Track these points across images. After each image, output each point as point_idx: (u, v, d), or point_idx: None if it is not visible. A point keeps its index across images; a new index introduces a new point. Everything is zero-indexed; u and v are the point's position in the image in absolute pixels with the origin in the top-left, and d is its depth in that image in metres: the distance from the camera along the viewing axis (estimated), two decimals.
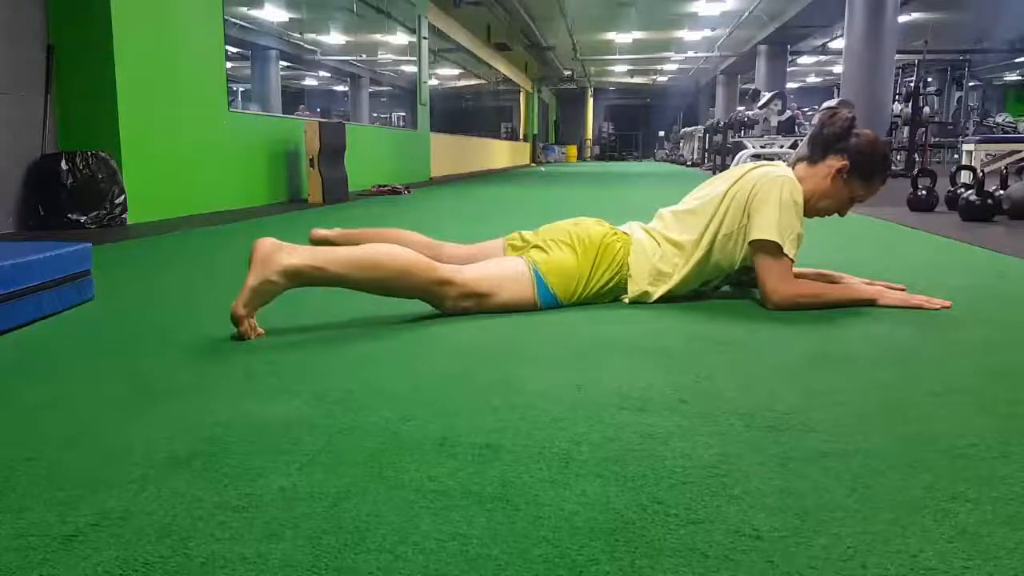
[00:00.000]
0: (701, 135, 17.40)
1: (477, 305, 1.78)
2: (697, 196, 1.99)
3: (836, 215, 1.97)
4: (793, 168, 1.97)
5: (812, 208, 1.91)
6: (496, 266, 1.86)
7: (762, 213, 1.82)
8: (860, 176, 1.91)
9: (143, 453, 0.98)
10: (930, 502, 0.84)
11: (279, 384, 1.28)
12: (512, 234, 2.03)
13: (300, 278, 1.59)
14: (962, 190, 4.47)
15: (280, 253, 1.58)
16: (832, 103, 7.07)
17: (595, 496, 0.86)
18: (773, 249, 1.81)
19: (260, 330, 1.61)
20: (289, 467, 0.94)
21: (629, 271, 1.91)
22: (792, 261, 1.83)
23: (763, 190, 1.84)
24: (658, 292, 1.91)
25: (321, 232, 2.01)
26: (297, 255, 1.59)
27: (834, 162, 1.91)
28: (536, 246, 1.90)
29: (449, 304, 1.76)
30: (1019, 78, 22.62)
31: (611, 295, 1.93)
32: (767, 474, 0.92)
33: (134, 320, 1.82)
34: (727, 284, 2.07)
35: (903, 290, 1.98)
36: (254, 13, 10.08)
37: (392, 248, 1.71)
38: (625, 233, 1.96)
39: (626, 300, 1.94)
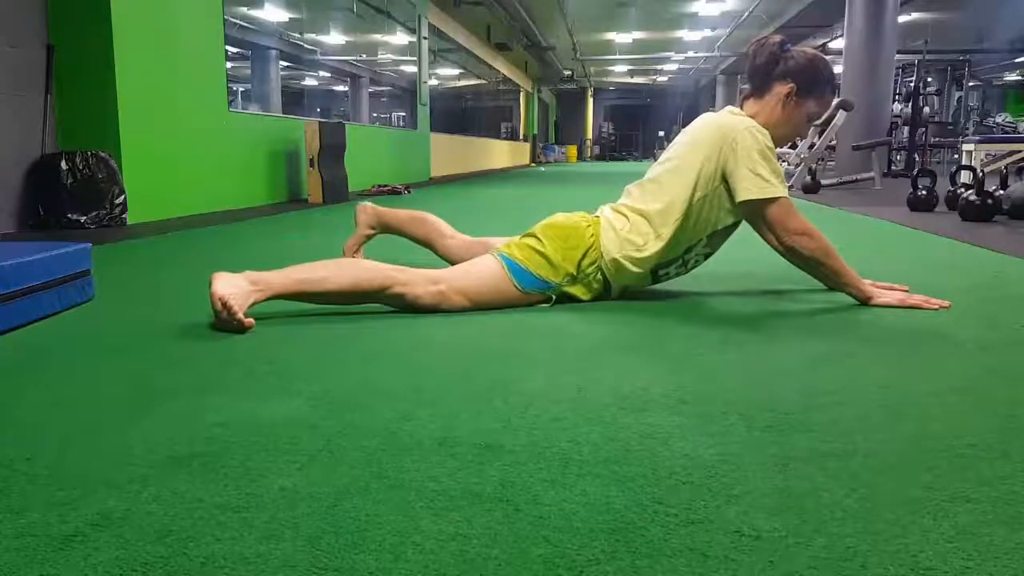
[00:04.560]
0: None
1: (451, 290, 1.79)
2: (661, 162, 1.99)
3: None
4: (742, 107, 1.98)
5: (774, 139, 1.91)
6: (465, 263, 1.93)
7: (741, 172, 1.82)
8: (809, 94, 1.94)
9: (143, 453, 0.98)
10: (930, 502, 0.84)
11: (279, 384, 1.28)
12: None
13: (259, 281, 1.68)
14: (962, 190, 4.47)
15: (235, 274, 1.69)
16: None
17: (595, 496, 0.86)
18: (768, 202, 1.83)
19: (248, 320, 1.62)
20: (289, 467, 0.94)
21: (601, 250, 1.90)
22: (788, 198, 1.85)
23: (733, 149, 1.83)
24: (633, 263, 1.88)
25: (371, 206, 2.37)
26: (254, 273, 1.71)
27: (780, 88, 1.93)
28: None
29: (420, 291, 1.76)
30: (1019, 78, 22.60)
31: (598, 279, 1.91)
32: (767, 474, 0.92)
33: (134, 320, 1.82)
34: (708, 250, 2.00)
35: (905, 291, 1.97)
36: (254, 13, 10.08)
37: (339, 263, 1.81)
38: (595, 217, 1.96)
39: (613, 294, 1.95)
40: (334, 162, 6.16)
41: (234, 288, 1.64)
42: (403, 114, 14.70)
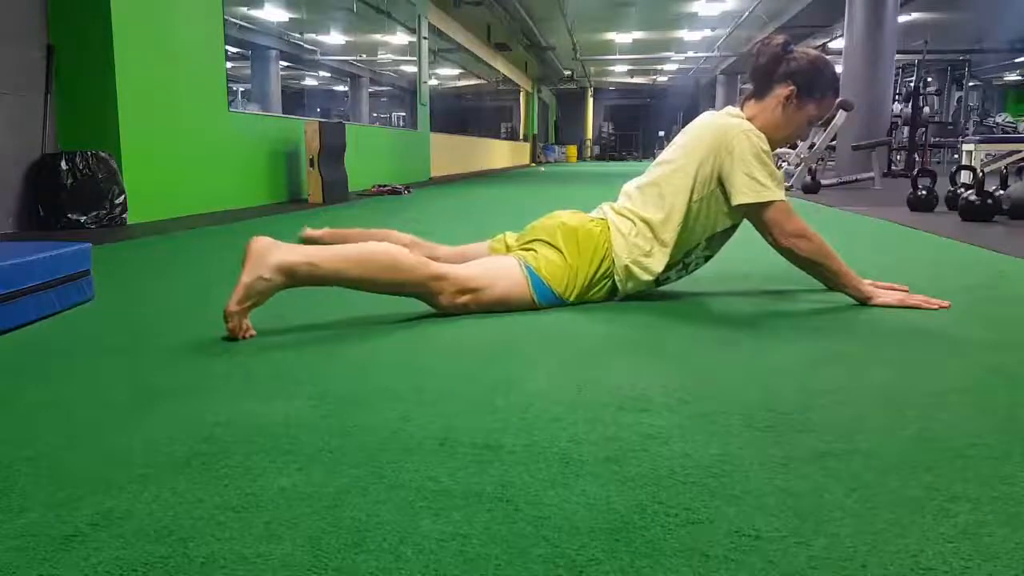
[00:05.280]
0: None
1: (474, 300, 1.78)
2: (659, 163, 1.98)
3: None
4: (743, 108, 1.97)
5: (772, 141, 1.90)
6: (489, 262, 1.88)
7: (737, 175, 1.82)
8: (810, 97, 1.93)
9: (143, 453, 0.98)
10: (930, 502, 0.84)
11: (279, 384, 1.28)
12: (496, 236, 2.04)
13: (294, 275, 1.59)
14: (962, 190, 4.47)
15: (274, 250, 1.59)
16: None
17: (595, 496, 0.86)
18: (764, 205, 1.83)
19: (252, 331, 1.60)
20: (289, 467, 0.94)
21: (614, 256, 1.90)
22: (785, 200, 1.85)
23: (730, 152, 1.83)
24: (643, 270, 1.89)
25: (311, 232, 2.01)
26: (291, 252, 1.60)
27: (781, 90, 1.92)
28: (523, 248, 1.91)
29: (445, 300, 1.74)
30: (1019, 78, 22.61)
31: (607, 286, 1.92)
32: (767, 474, 0.92)
33: (134, 320, 1.82)
34: (708, 252, 2.00)
35: (905, 291, 1.97)
36: (254, 13, 10.08)
37: (387, 245, 1.72)
38: (601, 219, 1.96)
39: (619, 296, 1.94)
40: (334, 162, 6.16)
41: (263, 281, 1.56)
42: (403, 114, 14.70)
